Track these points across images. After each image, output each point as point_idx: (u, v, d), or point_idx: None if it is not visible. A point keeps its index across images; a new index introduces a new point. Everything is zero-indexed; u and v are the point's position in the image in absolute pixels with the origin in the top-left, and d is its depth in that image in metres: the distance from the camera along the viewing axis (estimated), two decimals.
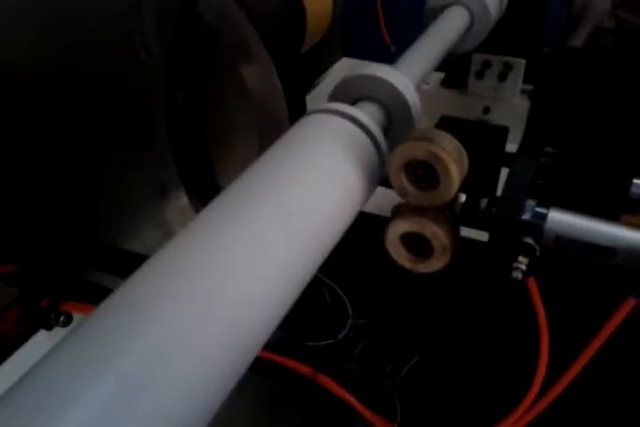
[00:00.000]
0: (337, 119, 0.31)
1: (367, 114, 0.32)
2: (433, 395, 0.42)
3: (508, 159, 0.32)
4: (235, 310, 0.24)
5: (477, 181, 0.30)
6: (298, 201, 0.28)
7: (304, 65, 0.63)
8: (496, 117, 0.84)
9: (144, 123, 0.46)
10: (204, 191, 0.48)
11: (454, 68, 1.02)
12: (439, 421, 0.40)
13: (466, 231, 0.33)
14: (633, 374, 0.42)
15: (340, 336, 0.48)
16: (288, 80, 0.41)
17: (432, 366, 0.44)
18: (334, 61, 1.05)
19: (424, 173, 0.30)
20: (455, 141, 0.29)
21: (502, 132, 0.31)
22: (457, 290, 0.49)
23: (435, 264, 0.33)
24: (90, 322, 0.21)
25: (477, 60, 0.96)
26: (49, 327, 0.52)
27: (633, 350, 0.42)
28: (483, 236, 0.33)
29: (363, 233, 0.38)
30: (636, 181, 0.30)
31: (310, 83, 0.93)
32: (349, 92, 0.34)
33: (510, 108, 0.87)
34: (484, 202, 0.31)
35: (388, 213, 0.34)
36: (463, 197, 0.31)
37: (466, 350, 0.44)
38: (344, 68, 1.02)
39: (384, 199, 0.35)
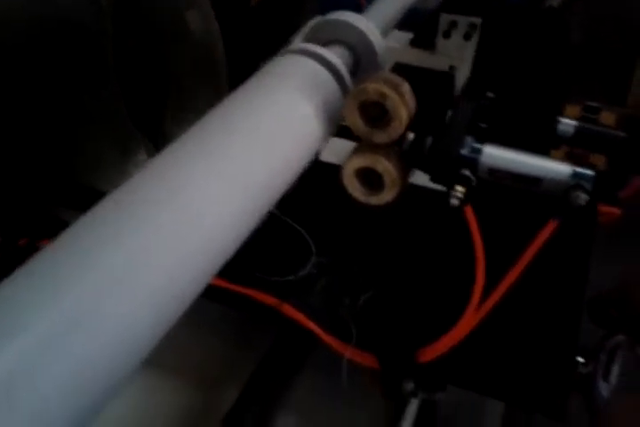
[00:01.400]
0: (306, 59, 0.34)
1: (335, 54, 0.35)
2: (384, 321, 0.46)
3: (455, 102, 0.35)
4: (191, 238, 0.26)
5: (424, 120, 0.34)
6: (262, 132, 0.31)
7: (277, 23, 0.66)
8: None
9: (98, 63, 0.48)
10: (155, 131, 0.50)
11: (423, 29, 1.05)
12: (389, 341, 0.44)
13: None
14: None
15: (303, 273, 0.52)
16: (241, 27, 0.44)
17: (384, 297, 0.48)
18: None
19: (377, 112, 0.33)
20: (405, 84, 0.32)
21: (447, 78, 0.35)
22: (404, 231, 0.53)
23: (385, 197, 0.36)
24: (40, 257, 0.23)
25: (444, 20, 0.99)
26: None
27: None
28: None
29: (326, 182, 0.42)
30: (561, 119, 0.34)
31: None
32: (320, 36, 0.37)
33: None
34: (429, 140, 0.35)
35: None
36: (412, 136, 0.35)
37: (413, 279, 0.48)
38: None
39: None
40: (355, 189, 0.37)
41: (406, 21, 0.53)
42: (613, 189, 0.33)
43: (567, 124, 0.33)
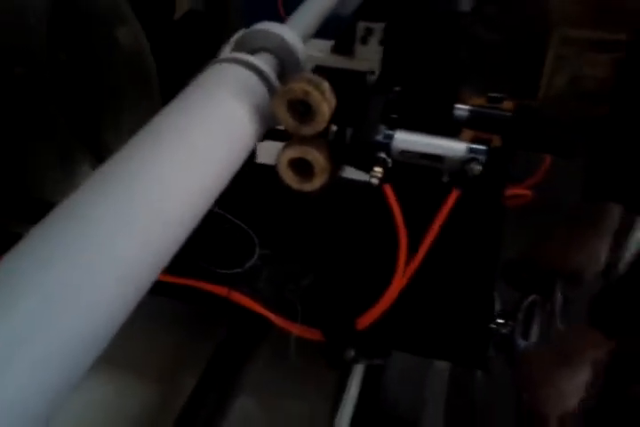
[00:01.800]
0: (235, 66, 0.39)
1: (261, 60, 0.40)
2: (324, 299, 0.51)
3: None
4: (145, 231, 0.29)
5: (344, 114, 0.39)
6: (196, 137, 0.35)
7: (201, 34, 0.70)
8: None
9: (34, 78, 0.51)
10: (96, 142, 0.54)
11: (343, 37, 1.12)
12: (330, 315, 0.49)
13: None
14: None
15: (249, 264, 0.56)
16: (166, 40, 0.49)
17: (323, 279, 0.53)
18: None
19: (303, 109, 0.38)
20: (325, 83, 0.38)
21: (361, 77, 0.40)
22: (334, 220, 0.59)
23: (316, 183, 0.41)
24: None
25: (361, 27, 1.06)
26: None
27: None
28: None
29: (265, 183, 0.46)
30: (457, 106, 0.40)
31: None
32: (247, 45, 0.42)
33: None
34: (349, 131, 0.40)
35: None
36: (334, 128, 0.40)
37: (346, 260, 0.54)
38: None
39: None
40: (289, 178, 0.41)
41: (328, 30, 0.59)
42: (506, 161, 0.39)
43: (462, 109, 0.40)
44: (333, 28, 0.59)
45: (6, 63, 0.50)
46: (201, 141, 0.35)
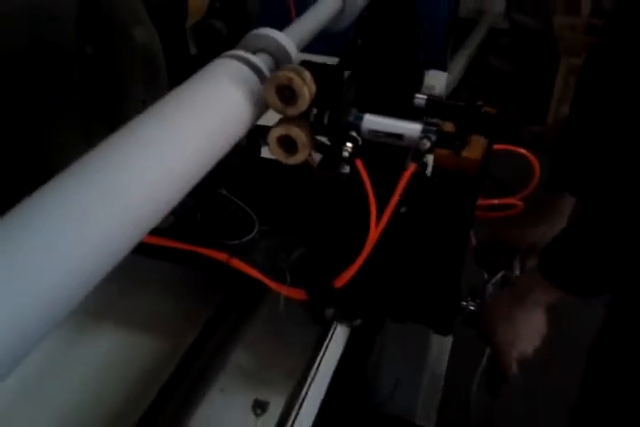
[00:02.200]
0: (234, 61, 0.47)
1: (259, 59, 0.49)
2: (309, 266, 0.59)
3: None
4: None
5: (323, 99, 0.47)
6: (200, 114, 0.43)
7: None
8: None
9: (65, 67, 0.60)
10: (109, 119, 0.63)
11: (345, 53, 1.20)
12: (313, 277, 0.57)
13: None
14: None
15: (248, 238, 0.64)
16: (177, 43, 0.58)
17: (309, 253, 0.61)
18: None
19: (288, 93, 0.46)
20: (306, 72, 0.46)
21: (338, 69, 0.49)
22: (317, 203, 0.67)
23: (300, 157, 0.49)
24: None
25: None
26: None
27: None
28: None
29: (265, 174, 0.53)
30: (416, 95, 0.48)
31: None
32: (250, 45, 0.50)
33: None
34: (327, 113, 0.48)
35: None
36: (315, 111, 0.48)
37: (329, 234, 0.61)
38: None
39: None
40: (278, 153, 0.49)
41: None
42: (456, 141, 0.47)
43: (421, 98, 0.48)
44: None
45: (39, 54, 0.60)
46: (201, 120, 0.43)
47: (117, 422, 0.54)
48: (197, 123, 0.42)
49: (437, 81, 1.08)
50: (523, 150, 0.96)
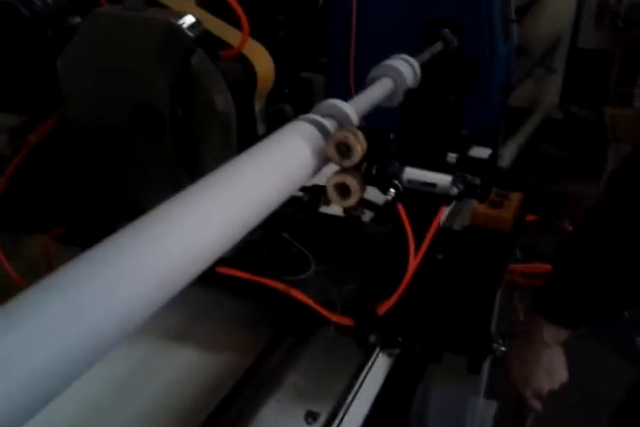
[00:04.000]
0: (308, 124, 0.59)
1: (327, 121, 0.61)
2: (356, 300, 0.68)
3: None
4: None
5: (372, 155, 0.59)
6: (271, 165, 0.55)
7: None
8: None
9: (159, 125, 0.74)
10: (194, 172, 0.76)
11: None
12: (360, 310, 0.65)
13: None
14: None
15: (305, 275, 0.74)
16: (245, 111, 0.71)
17: (358, 289, 0.70)
18: None
19: (345, 149, 0.58)
20: (360, 133, 0.57)
21: (386, 134, 0.60)
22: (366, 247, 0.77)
23: (352, 201, 0.60)
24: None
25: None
26: None
27: None
28: None
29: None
30: (449, 153, 0.59)
31: None
32: (320, 111, 0.63)
33: None
34: (375, 167, 0.59)
35: None
36: (366, 164, 0.59)
37: (375, 271, 0.71)
38: None
39: None
40: (334, 197, 0.60)
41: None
42: (481, 191, 0.57)
43: (452, 156, 0.59)
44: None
45: (142, 114, 0.75)
46: (271, 170, 0.54)
47: (187, 423, 0.63)
48: (267, 172, 0.53)
49: (482, 155, 1.19)
50: (557, 222, 1.03)
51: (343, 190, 0.60)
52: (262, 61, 0.82)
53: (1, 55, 0.78)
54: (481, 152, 1.22)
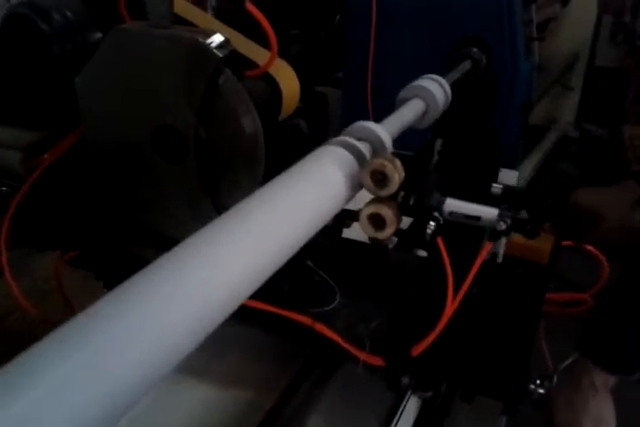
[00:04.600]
0: (339, 147, 0.55)
1: (360, 144, 0.57)
2: (387, 336, 0.63)
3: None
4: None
5: (410, 184, 0.54)
6: (302, 195, 0.51)
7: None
8: None
9: (182, 147, 0.70)
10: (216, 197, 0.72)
11: (423, 152, 1.30)
12: (392, 349, 0.61)
13: None
14: None
15: (330, 307, 0.69)
16: (270, 133, 0.67)
17: (388, 324, 0.66)
18: None
19: (381, 177, 0.53)
20: (398, 161, 0.53)
21: (423, 160, 0.56)
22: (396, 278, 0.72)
23: (387, 233, 0.55)
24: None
25: (439, 143, 1.25)
26: None
27: None
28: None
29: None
30: (493, 184, 0.54)
31: None
32: (352, 134, 0.59)
33: None
34: (413, 196, 0.55)
35: None
36: (402, 193, 0.55)
37: (407, 306, 0.66)
38: None
39: None
40: (367, 228, 0.56)
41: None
42: (530, 226, 0.52)
43: (497, 187, 0.54)
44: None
45: (163, 135, 0.71)
46: (302, 202, 0.50)
47: None
48: (299, 201, 0.49)
49: (508, 178, 1.15)
50: (590, 248, 0.98)
51: (378, 222, 0.55)
52: (287, 80, 0.78)
53: (19, 70, 0.75)
54: (507, 175, 1.18)
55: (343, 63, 1.51)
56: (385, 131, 0.62)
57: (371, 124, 0.62)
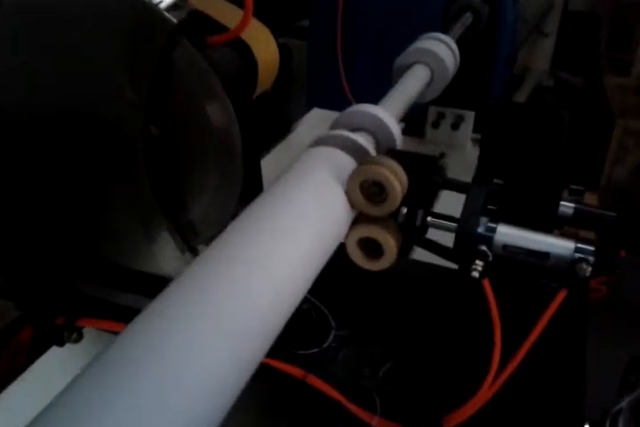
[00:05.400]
0: (337, 151, 0.38)
1: (363, 141, 0.40)
2: (406, 391, 0.48)
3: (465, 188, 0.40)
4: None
5: (415, 197, 0.38)
6: (309, 219, 0.35)
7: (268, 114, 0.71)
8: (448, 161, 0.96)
9: (124, 150, 0.53)
10: (174, 210, 0.54)
11: (413, 119, 1.14)
12: (412, 411, 0.46)
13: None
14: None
15: (324, 345, 0.54)
16: (244, 117, 0.50)
17: (403, 368, 0.50)
18: (297, 114, 1.16)
19: (375, 190, 0.37)
20: (398, 166, 0.36)
21: (432, 161, 0.39)
22: (418, 304, 0.57)
23: (385, 263, 0.39)
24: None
25: (433, 111, 1.09)
26: (61, 344, 0.56)
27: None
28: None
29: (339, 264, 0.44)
30: (562, 202, 0.38)
31: (277, 132, 1.03)
32: (349, 123, 0.42)
33: (462, 155, 1.00)
34: (420, 213, 0.38)
35: None
36: (405, 210, 0.38)
37: (430, 351, 0.51)
38: (314, 116, 1.13)
39: None
40: (357, 257, 0.39)
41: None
42: (610, 262, 0.37)
43: (567, 206, 0.38)
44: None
45: (103, 133, 0.53)
46: (298, 227, 0.34)
47: None
48: (306, 224, 0.33)
49: None
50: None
51: (371, 248, 0.39)
52: (264, 46, 0.59)
53: None
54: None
55: (309, 10, 1.32)
56: (391, 116, 0.45)
57: (371, 108, 0.45)
